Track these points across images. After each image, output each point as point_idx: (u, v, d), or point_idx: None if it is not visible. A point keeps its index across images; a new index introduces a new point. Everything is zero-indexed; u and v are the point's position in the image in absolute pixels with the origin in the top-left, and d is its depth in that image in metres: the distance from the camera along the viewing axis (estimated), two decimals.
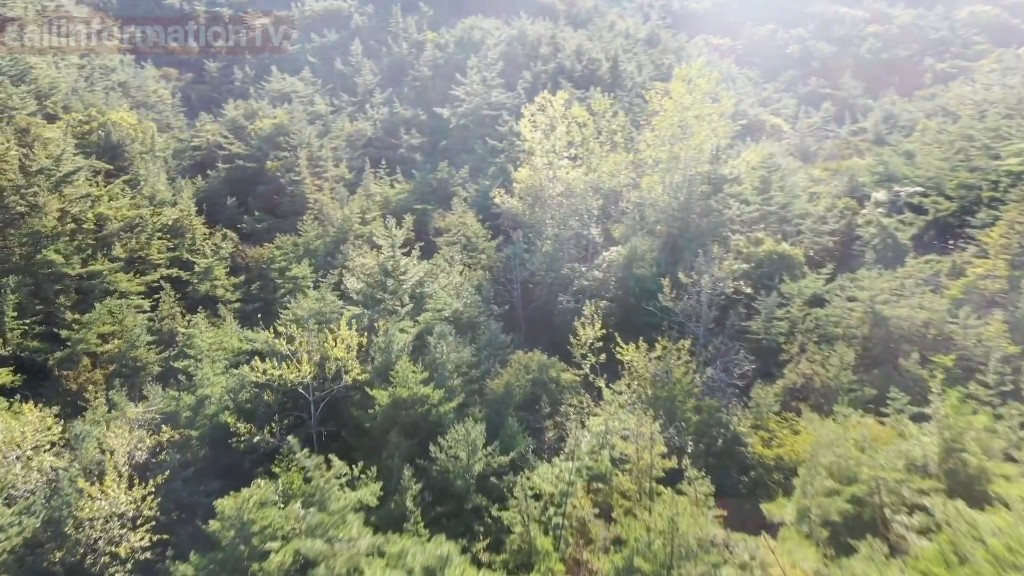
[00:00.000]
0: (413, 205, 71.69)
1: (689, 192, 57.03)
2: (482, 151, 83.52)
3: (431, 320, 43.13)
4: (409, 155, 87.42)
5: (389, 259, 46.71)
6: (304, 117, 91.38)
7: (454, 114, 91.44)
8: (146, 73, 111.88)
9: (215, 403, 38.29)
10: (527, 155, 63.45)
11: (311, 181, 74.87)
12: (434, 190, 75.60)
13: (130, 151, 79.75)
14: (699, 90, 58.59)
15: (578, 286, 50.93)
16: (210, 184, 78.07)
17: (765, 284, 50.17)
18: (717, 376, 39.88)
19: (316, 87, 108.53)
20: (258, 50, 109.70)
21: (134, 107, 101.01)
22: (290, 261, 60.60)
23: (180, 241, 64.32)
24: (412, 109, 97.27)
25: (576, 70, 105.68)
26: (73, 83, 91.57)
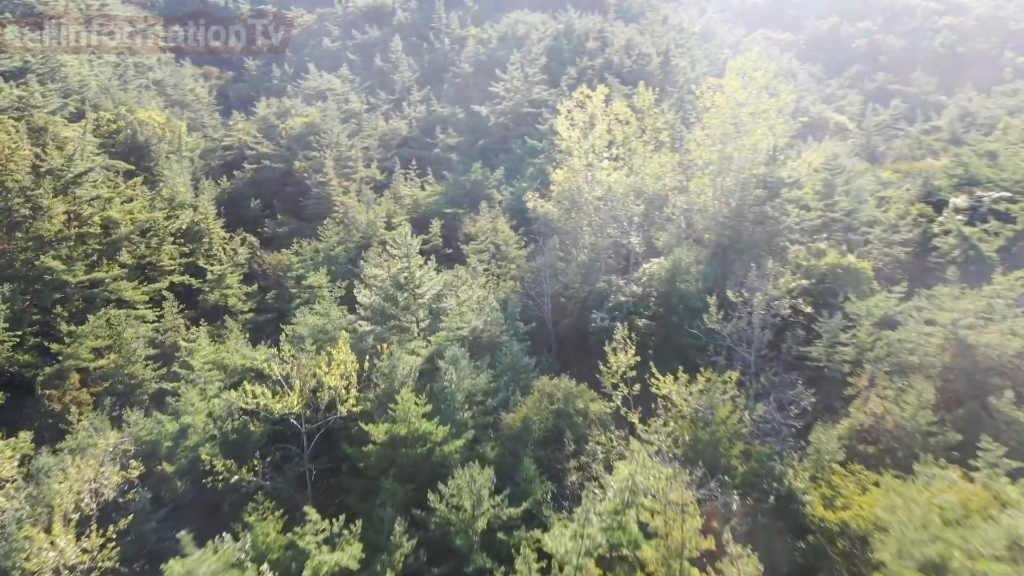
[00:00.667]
0: (443, 209, 67.32)
1: (742, 197, 51.27)
2: (521, 151, 78.79)
3: (444, 341, 38.48)
4: (445, 155, 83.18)
5: (403, 271, 42.23)
6: (338, 116, 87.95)
7: (492, 112, 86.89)
8: (184, 71, 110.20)
9: (198, 433, 34.30)
10: (564, 155, 58.37)
11: (338, 183, 71.14)
12: (467, 192, 71.12)
13: (156, 151, 77.31)
14: (755, 84, 52.78)
15: (614, 302, 45.72)
16: (235, 185, 75.06)
17: (827, 302, 44.20)
18: (770, 414, 34.27)
19: (353, 85, 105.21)
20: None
21: (169, 106, 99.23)
22: (308, 269, 56.72)
23: (196, 246, 61.09)
24: (450, 107, 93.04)
25: (624, 66, 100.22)
26: (106, 81, 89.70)
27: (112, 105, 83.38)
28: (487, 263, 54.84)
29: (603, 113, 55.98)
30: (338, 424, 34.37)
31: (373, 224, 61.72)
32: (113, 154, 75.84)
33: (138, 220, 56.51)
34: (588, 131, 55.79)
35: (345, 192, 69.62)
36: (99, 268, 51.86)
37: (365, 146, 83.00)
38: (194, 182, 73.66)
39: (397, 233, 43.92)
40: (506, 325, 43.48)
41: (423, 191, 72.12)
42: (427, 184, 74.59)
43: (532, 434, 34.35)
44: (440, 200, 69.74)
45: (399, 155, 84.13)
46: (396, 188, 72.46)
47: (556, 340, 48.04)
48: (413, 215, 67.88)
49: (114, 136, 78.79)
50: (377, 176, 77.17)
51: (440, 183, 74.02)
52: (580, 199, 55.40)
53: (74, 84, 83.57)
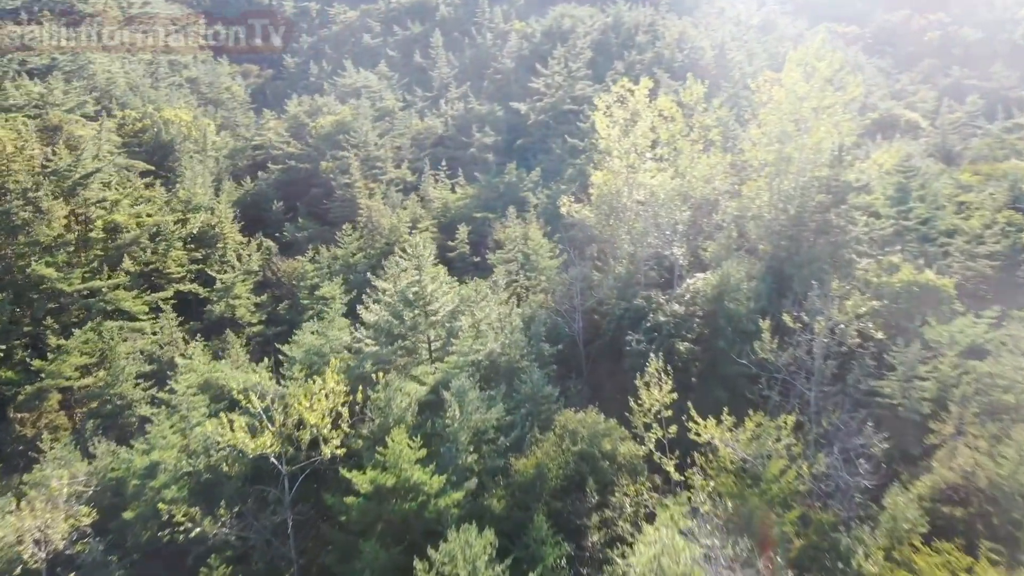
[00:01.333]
0: (473, 212, 62.65)
1: (802, 203, 45.40)
2: (561, 151, 73.74)
3: (451, 368, 33.72)
4: (480, 155, 78.61)
5: (412, 284, 37.59)
6: (371, 114, 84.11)
7: (532, 109, 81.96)
8: (220, 69, 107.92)
9: (167, 471, 30.18)
10: (602, 156, 53.11)
11: (363, 184, 67.10)
12: (500, 195, 66.34)
13: (181, 150, 74.50)
14: (818, 76, 46.90)
15: (653, 322, 40.32)
16: (258, 187, 71.63)
17: (902, 327, 38.19)
18: (834, 468, 28.53)
19: (391, 82, 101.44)
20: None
21: (202, 104, 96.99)
22: (323, 277, 52.62)
23: (210, 252, 57.58)
24: (489, 104, 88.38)
25: (676, 60, 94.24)
26: (137, 79, 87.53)
27: (140, 103, 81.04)
28: (515, 274, 49.92)
29: (646, 109, 50.51)
30: (325, 464, 29.89)
31: (396, 229, 57.38)
32: (136, 154, 73.30)
33: (146, 224, 53.19)
34: (629, 129, 50.42)
35: (371, 194, 65.50)
36: (99, 276, 48.60)
37: (397, 145, 78.94)
38: (215, 183, 70.51)
39: (410, 242, 39.36)
40: (528, 347, 38.54)
41: (453, 194, 67.57)
42: (459, 186, 70.02)
43: (548, 482, 29.35)
44: (471, 203, 65.11)
45: (432, 155, 79.84)
46: (425, 190, 68.11)
47: (587, 363, 42.89)
48: (442, 219, 63.41)
49: (139, 135, 76.34)
50: (408, 177, 72.95)
51: (472, 185, 69.36)
52: (619, 204, 50.09)
53: (101, 82, 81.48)
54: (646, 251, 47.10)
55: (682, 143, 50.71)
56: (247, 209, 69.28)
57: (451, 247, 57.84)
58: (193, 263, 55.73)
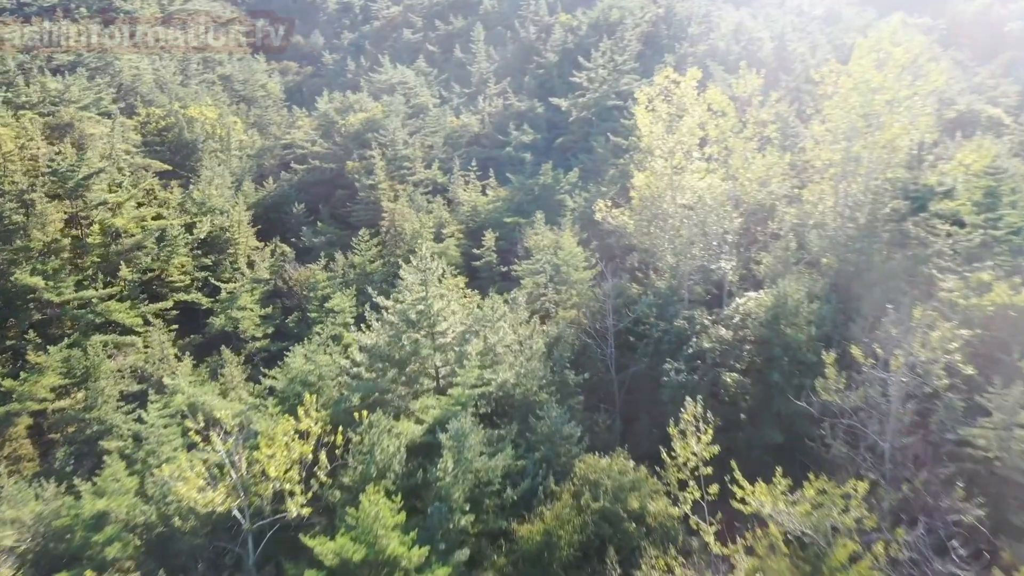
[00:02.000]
0: (504, 217, 57.70)
1: (873, 209, 39.42)
2: (603, 150, 68.31)
3: (452, 405, 28.86)
4: (518, 155, 73.60)
5: (416, 303, 32.84)
6: (404, 111, 79.89)
7: (574, 105, 76.58)
8: (256, 66, 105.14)
9: (116, 522, 26.01)
10: (643, 154, 47.68)
11: (389, 185, 62.78)
12: (534, 198, 61.27)
13: (204, 149, 71.40)
14: (893, 64, 40.81)
15: (696, 348, 34.86)
16: (280, 188, 67.93)
17: (997, 360, 31.99)
18: (919, 550, 22.71)
19: (428, 78, 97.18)
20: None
21: (236, 102, 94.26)
22: (336, 288, 48.39)
23: (221, 257, 53.86)
24: (529, 100, 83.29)
25: (732, 52, 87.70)
26: (168, 76, 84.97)
27: (167, 101, 78.34)
28: (543, 287, 44.87)
29: (694, 102, 44.86)
30: (295, 521, 25.32)
31: (419, 235, 52.82)
32: (156, 153, 70.48)
33: (149, 228, 49.69)
34: (674, 125, 44.87)
35: (396, 197, 61.12)
36: (94, 284, 45.17)
37: (428, 144, 74.47)
38: (235, 184, 67.11)
39: (416, 252, 34.69)
40: (549, 378, 33.49)
41: (483, 196, 62.67)
42: (490, 188, 65.12)
43: (559, 551, 24.29)
44: (502, 207, 60.15)
45: (467, 154, 75.20)
46: (454, 192, 63.45)
47: (620, 393, 37.61)
48: (470, 224, 58.64)
49: (163, 134, 73.57)
50: (438, 179, 68.39)
51: (505, 187, 64.42)
52: (661, 209, 44.61)
53: (127, 79, 79.04)
54: (691, 264, 41.57)
55: (734, 141, 44.93)
56: (267, 212, 65.70)
57: (477, 255, 53.03)
58: (202, 270, 52.13)
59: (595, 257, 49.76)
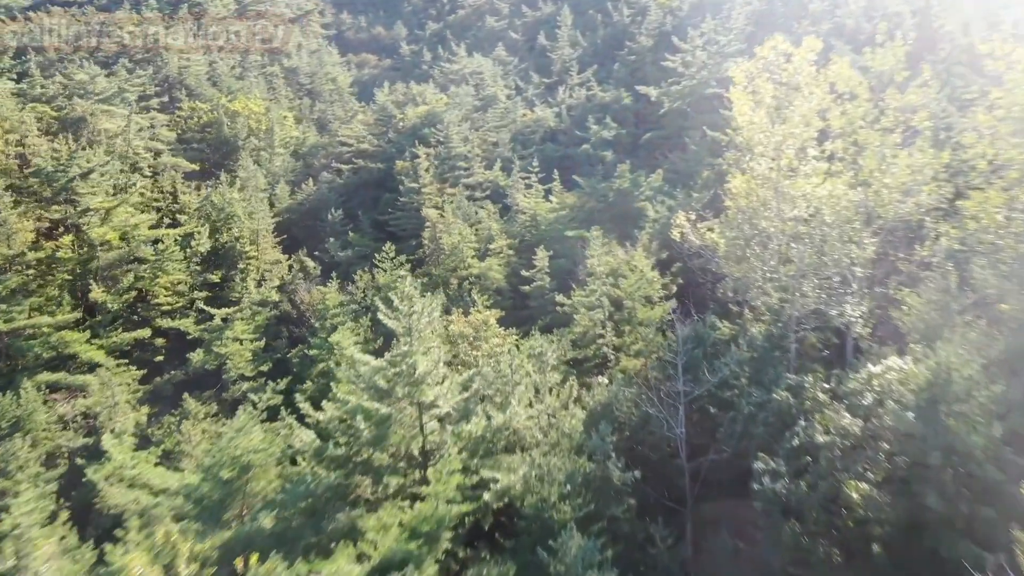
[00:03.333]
0: (567, 230, 47.27)
1: None
2: (697, 147, 56.98)
3: (414, 535, 18.90)
4: (597, 153, 63.02)
5: (396, 361, 23.05)
6: (472, 103, 70.65)
7: (666, 94, 65.17)
8: (328, 59, 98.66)
9: None
10: (741, 152, 36.20)
11: (436, 189, 53.57)
12: (608, 206, 50.62)
13: (245, 147, 64.49)
14: None
15: (804, 439, 23.52)
16: (319, 191, 59.90)
17: None
18: None
19: (507, 67, 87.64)
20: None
21: (300, 96, 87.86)
22: (351, 315, 39.47)
23: (233, 273, 45.97)
24: (615, 90, 72.28)
25: (863, 31, 74.02)
26: (226, 70, 78.94)
27: (217, 95, 72.18)
28: (600, 326, 34.37)
29: (811, 81, 33.12)
30: None
31: (458, 252, 43.27)
32: (193, 151, 64.14)
33: (140, 238, 42.22)
34: (784, 112, 33.29)
35: (442, 203, 51.79)
36: (58, 310, 37.86)
37: (493, 141, 64.90)
38: (270, 185, 59.63)
39: (397, 288, 25.20)
40: (583, 474, 23.12)
41: (546, 203, 52.23)
42: (557, 192, 54.66)
43: None
44: (566, 216, 49.72)
45: (539, 153, 65.22)
46: (513, 197, 53.46)
47: (691, 492, 26.71)
48: (527, 236, 48.53)
49: (206, 131, 67.21)
50: (501, 181, 58.62)
51: (573, 192, 53.85)
52: (763, 226, 33.15)
53: (174, 70, 73.23)
54: (801, 305, 29.96)
55: (867, 134, 32.90)
56: (303, 218, 57.90)
57: (525, 279, 42.89)
58: (206, 288, 44.35)
59: (675, 284, 38.85)
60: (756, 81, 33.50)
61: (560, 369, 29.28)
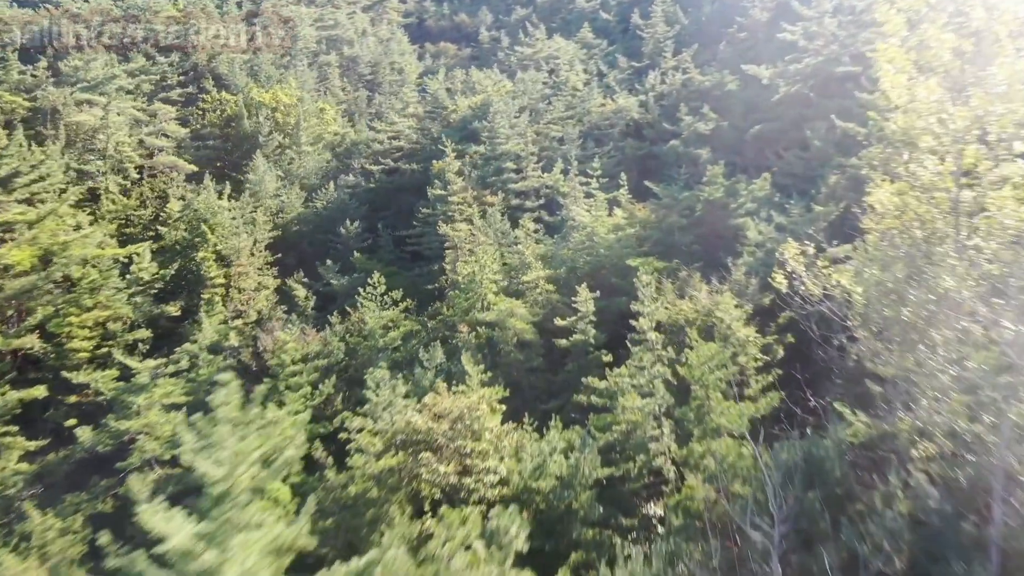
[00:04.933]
0: (629, 257, 34.43)
1: None
2: (822, 143, 43.19)
3: None
4: (688, 150, 49.78)
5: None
6: (538, 92, 58.76)
7: (781, 75, 51.14)
8: (397, 47, 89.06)
9: None
10: (893, 147, 22.65)
11: (470, 196, 42.08)
12: (694, 222, 37.57)
13: (267, 144, 55.21)
14: None
15: None
16: (339, 197, 49.51)
17: None
18: None
19: (592, 51, 75.03)
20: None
21: (357, 88, 78.54)
22: (310, 376, 28.53)
23: (194, 304, 36.11)
24: (717, 73, 58.40)
25: None
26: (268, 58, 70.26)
27: (251, 85, 63.46)
28: (653, 423, 21.88)
29: (1006, 32, 19.48)
30: None
31: (475, 284, 31.58)
32: (209, 148, 55.39)
33: (63, 260, 32.73)
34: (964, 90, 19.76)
35: (477, 215, 40.13)
36: None
37: (557, 136, 52.66)
38: (282, 187, 49.83)
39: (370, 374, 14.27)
40: None
41: (609, 218, 39.37)
42: (626, 203, 41.77)
43: None
44: (632, 237, 36.90)
45: (617, 151, 52.71)
46: (569, 209, 41.04)
47: None
48: (578, 265, 36.06)
49: (228, 126, 58.40)
50: (561, 186, 46.31)
51: (648, 203, 40.87)
52: (928, 268, 19.61)
53: (202, 58, 64.88)
54: (1002, 414, 16.46)
55: None
56: (316, 231, 47.65)
57: (562, 330, 30.37)
58: (154, 326, 34.52)
59: (780, 347, 25.99)
60: (908, 42, 20.40)
61: None
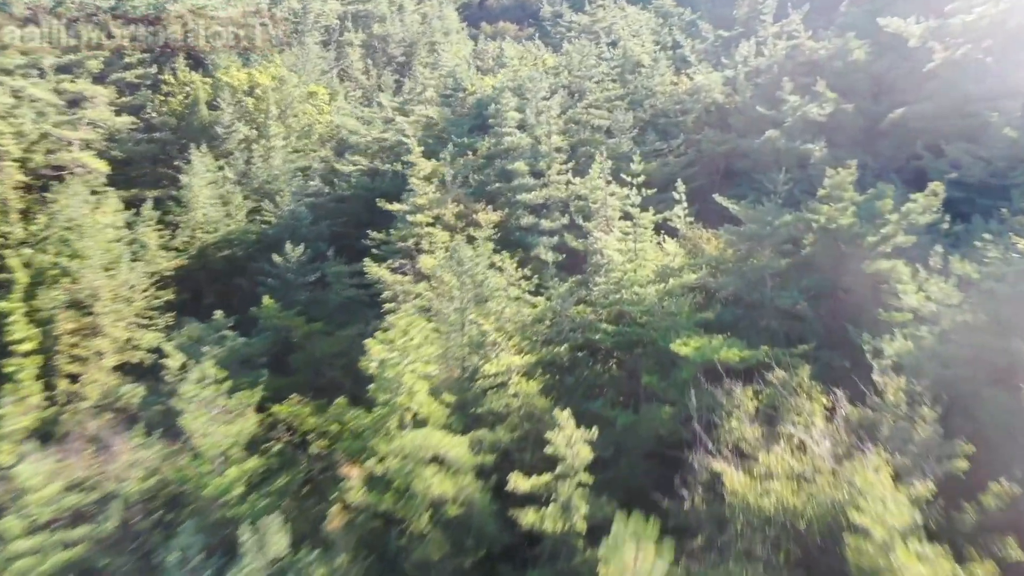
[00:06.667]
0: (679, 329, 19.48)
1: None
2: (1018, 133, 26.91)
3: None
4: (795, 144, 33.98)
5: None
6: (587, 69, 43.92)
7: (939, 32, 34.42)
8: (438, 25, 75.83)
9: None
10: None
11: (449, 211, 27.99)
12: (802, 264, 22.18)
13: (228, 137, 43.03)
14: None
15: None
16: (293, 209, 36.11)
17: None
18: None
19: (671, 20, 59.26)
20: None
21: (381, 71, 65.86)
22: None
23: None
24: (840, 37, 41.80)
25: None
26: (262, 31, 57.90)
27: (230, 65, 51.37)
28: None
29: None
30: None
31: (391, 375, 17.49)
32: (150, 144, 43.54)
33: None
34: None
35: (448, 242, 25.97)
36: None
37: (600, 125, 37.78)
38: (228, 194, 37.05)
39: None
40: None
41: (653, 254, 24.02)
42: (686, 228, 26.45)
43: None
44: (686, 293, 21.92)
45: (692, 144, 37.71)
46: (592, 235, 26.24)
47: None
48: (595, 339, 21.33)
49: (191, 113, 46.38)
50: (594, 196, 31.37)
51: (720, 231, 25.43)
52: None
53: (176, 32, 52.76)
54: None
55: None
56: (249, 258, 34.44)
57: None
58: None
59: None
60: None
61: None
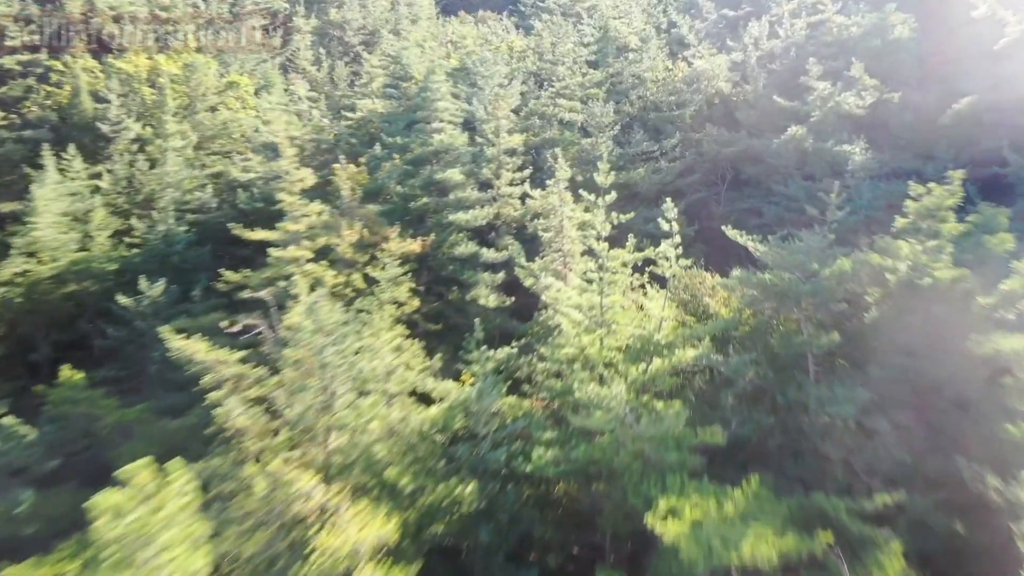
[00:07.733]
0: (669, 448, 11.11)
1: None
2: None
3: None
4: (826, 146, 25.81)
5: None
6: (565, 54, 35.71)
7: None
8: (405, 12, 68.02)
9: None
10: None
11: (344, 239, 19.85)
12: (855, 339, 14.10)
13: (117, 136, 35.11)
14: None
15: None
16: (167, 231, 27.87)
17: None
18: None
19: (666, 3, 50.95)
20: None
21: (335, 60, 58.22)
22: None
23: None
24: (877, 13, 33.33)
25: None
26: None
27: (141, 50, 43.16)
28: None
29: None
30: None
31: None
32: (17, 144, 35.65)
33: None
34: None
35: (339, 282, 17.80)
36: None
37: (566, 120, 29.57)
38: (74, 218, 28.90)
39: None
40: None
41: (628, 315, 15.50)
42: (681, 273, 18.03)
43: None
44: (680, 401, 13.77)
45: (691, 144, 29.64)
46: (544, 291, 17.69)
47: None
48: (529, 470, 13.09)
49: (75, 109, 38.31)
50: (548, 220, 22.90)
51: (727, 284, 16.99)
52: None
53: (74, 9, 44.57)
54: None
55: None
56: (103, 294, 26.26)
57: None
58: None
59: None
60: None
61: None
